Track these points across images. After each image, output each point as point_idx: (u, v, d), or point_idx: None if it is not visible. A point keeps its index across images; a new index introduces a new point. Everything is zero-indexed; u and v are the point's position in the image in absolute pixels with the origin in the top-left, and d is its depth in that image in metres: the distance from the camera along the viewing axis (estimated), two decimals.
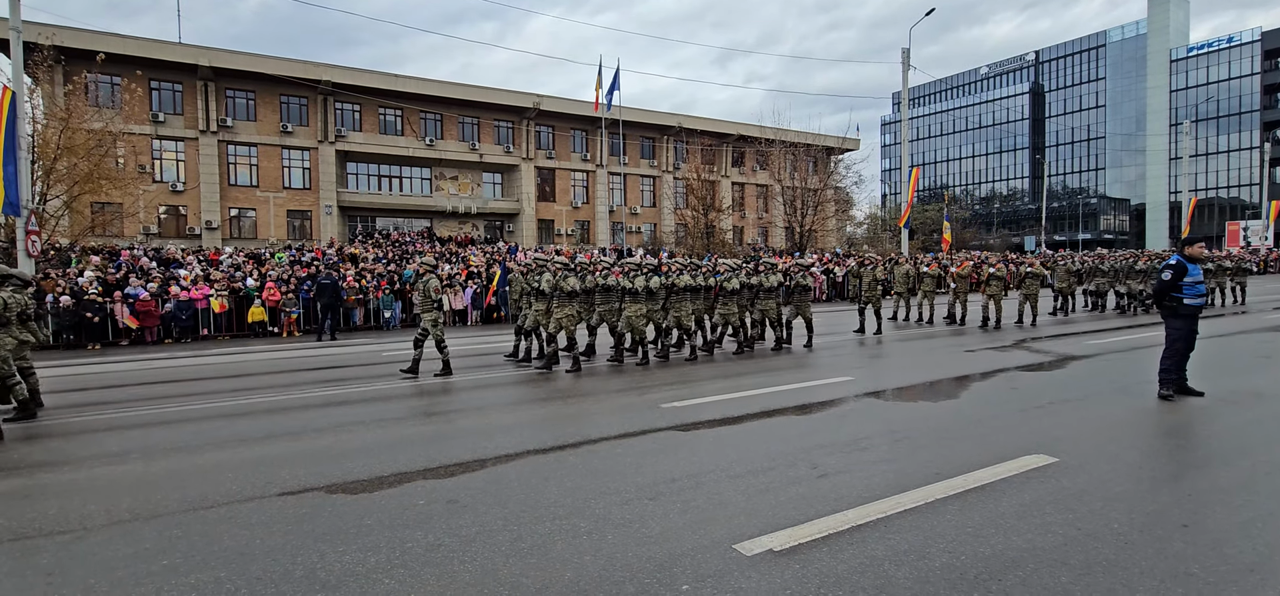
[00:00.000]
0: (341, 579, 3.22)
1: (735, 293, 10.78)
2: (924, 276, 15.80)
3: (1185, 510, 3.90)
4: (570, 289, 9.33)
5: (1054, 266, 17.82)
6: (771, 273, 11.44)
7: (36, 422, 6.88)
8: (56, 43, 20.40)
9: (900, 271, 16.48)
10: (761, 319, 11.48)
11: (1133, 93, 76.04)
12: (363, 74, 33.32)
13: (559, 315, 9.33)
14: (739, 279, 10.86)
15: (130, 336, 14.76)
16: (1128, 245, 62.95)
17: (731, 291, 10.73)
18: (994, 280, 14.20)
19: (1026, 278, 14.89)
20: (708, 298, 10.90)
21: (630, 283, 9.80)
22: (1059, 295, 16.73)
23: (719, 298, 10.78)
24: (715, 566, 3.26)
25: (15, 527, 4.00)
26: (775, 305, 11.26)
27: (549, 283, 9.46)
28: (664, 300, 10.20)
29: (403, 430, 6.26)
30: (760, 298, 11.17)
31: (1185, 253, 6.85)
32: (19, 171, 14.48)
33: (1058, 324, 14.64)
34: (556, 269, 9.80)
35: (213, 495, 4.47)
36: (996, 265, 14.73)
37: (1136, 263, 17.41)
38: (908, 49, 26.82)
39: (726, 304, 10.73)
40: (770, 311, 11.20)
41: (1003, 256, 30.68)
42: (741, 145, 43.55)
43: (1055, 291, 16.94)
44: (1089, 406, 6.60)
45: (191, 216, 30.79)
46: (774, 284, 11.21)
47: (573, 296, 9.42)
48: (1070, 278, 16.87)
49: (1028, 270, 14.95)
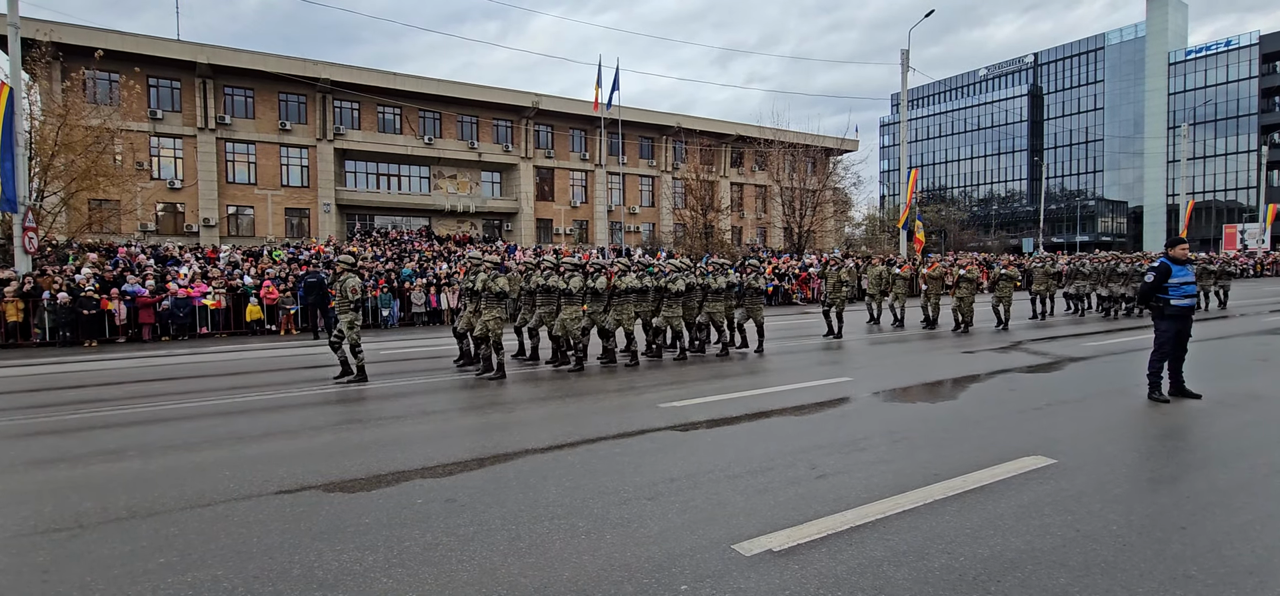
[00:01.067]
0: (339, 577, 3.21)
1: (681, 295, 10.21)
2: (897, 278, 15.27)
3: (1184, 512, 3.90)
4: (499, 290, 8.76)
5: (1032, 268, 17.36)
6: (720, 274, 10.90)
7: (36, 420, 6.85)
8: (54, 39, 20.33)
9: (872, 273, 15.88)
10: (707, 322, 10.83)
11: (1131, 95, 76.20)
12: (361, 72, 33.27)
13: (486, 317, 8.77)
14: (686, 280, 10.33)
15: (127, 333, 14.72)
16: (1125, 248, 63.03)
17: (677, 293, 10.15)
18: (965, 282, 13.79)
19: (1000, 280, 14.49)
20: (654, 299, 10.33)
21: (566, 284, 9.30)
22: (1036, 298, 16.19)
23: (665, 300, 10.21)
24: (714, 566, 3.26)
25: (11, 525, 3.98)
26: (723, 308, 10.77)
27: (481, 282, 8.90)
28: (607, 302, 9.72)
29: (400, 429, 6.25)
30: (708, 300, 10.63)
31: (1170, 254, 6.85)
32: (16, 168, 14.45)
33: (1035, 327, 14.20)
34: (487, 268, 9.10)
35: (210, 493, 4.45)
36: (968, 266, 14.31)
37: (1118, 265, 16.96)
38: (907, 50, 26.88)
39: (672, 306, 10.16)
40: (717, 314, 10.66)
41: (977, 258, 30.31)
42: (740, 145, 43.57)
43: (1032, 294, 16.38)
44: (1087, 408, 6.60)
45: (189, 214, 30.73)
46: (723, 285, 10.69)
47: (501, 298, 8.84)
48: (1048, 280, 16.41)
49: (1001, 272, 14.55)
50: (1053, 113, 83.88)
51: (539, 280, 9.56)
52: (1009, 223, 75.51)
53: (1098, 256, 19.01)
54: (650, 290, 10.16)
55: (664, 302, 10.21)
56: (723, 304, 10.76)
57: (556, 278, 9.45)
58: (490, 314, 8.79)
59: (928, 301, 14.44)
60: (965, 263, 14.89)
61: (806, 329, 14.55)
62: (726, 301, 10.91)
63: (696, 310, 10.72)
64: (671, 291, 10.10)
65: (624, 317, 9.71)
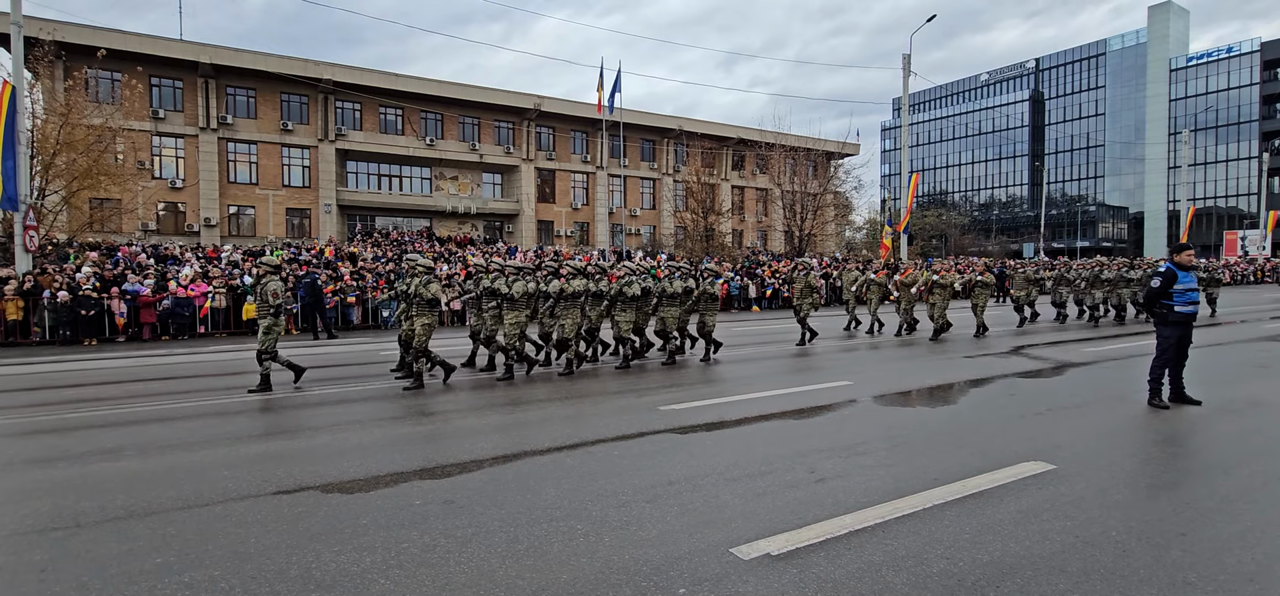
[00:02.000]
0: (336, 578, 3.20)
1: (635, 299, 9.75)
2: (872, 284, 14.72)
3: (1183, 519, 3.89)
4: (431, 297, 8.37)
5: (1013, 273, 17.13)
6: (675, 278, 10.41)
7: (34, 418, 6.85)
8: (57, 38, 20.37)
9: (848, 278, 15.44)
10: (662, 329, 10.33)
11: (1132, 101, 76.23)
12: (363, 73, 33.32)
13: (416, 322, 8.39)
14: (640, 284, 9.88)
15: (127, 332, 14.72)
16: (1126, 254, 63.02)
17: (631, 298, 9.69)
18: (938, 288, 13.28)
19: (975, 286, 14.04)
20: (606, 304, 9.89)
21: (508, 287, 8.90)
22: (1017, 305, 15.73)
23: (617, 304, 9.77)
24: (712, 570, 3.25)
25: (10, 524, 3.97)
26: (676, 314, 10.31)
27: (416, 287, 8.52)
28: (552, 307, 9.34)
29: (399, 429, 6.24)
30: (662, 305, 10.22)
31: (1175, 260, 6.83)
32: (18, 166, 14.46)
33: (1016, 334, 13.74)
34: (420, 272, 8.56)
35: (208, 493, 4.44)
36: (941, 273, 13.73)
37: (1103, 271, 16.61)
38: (908, 55, 26.90)
39: (624, 311, 9.70)
40: (669, 320, 10.21)
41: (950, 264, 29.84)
42: (742, 148, 43.61)
43: (1013, 301, 15.93)
44: (1087, 413, 6.59)
45: (190, 213, 30.76)
46: (678, 290, 10.27)
47: (433, 305, 8.42)
48: (1029, 286, 15.92)
49: (977, 279, 14.06)
50: (1054, 118, 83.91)
51: (486, 283, 9.16)
52: (1010, 228, 75.52)
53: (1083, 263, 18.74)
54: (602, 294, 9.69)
55: (617, 307, 9.78)
56: (677, 309, 10.34)
57: (501, 280, 9.04)
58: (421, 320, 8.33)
59: (900, 308, 14.02)
60: (939, 268, 14.17)
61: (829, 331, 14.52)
62: (681, 306, 10.47)
63: (650, 315, 10.39)
64: (626, 296, 9.67)
65: (567, 323, 9.23)
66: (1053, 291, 16.99)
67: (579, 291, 9.30)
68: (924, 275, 13.90)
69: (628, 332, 9.75)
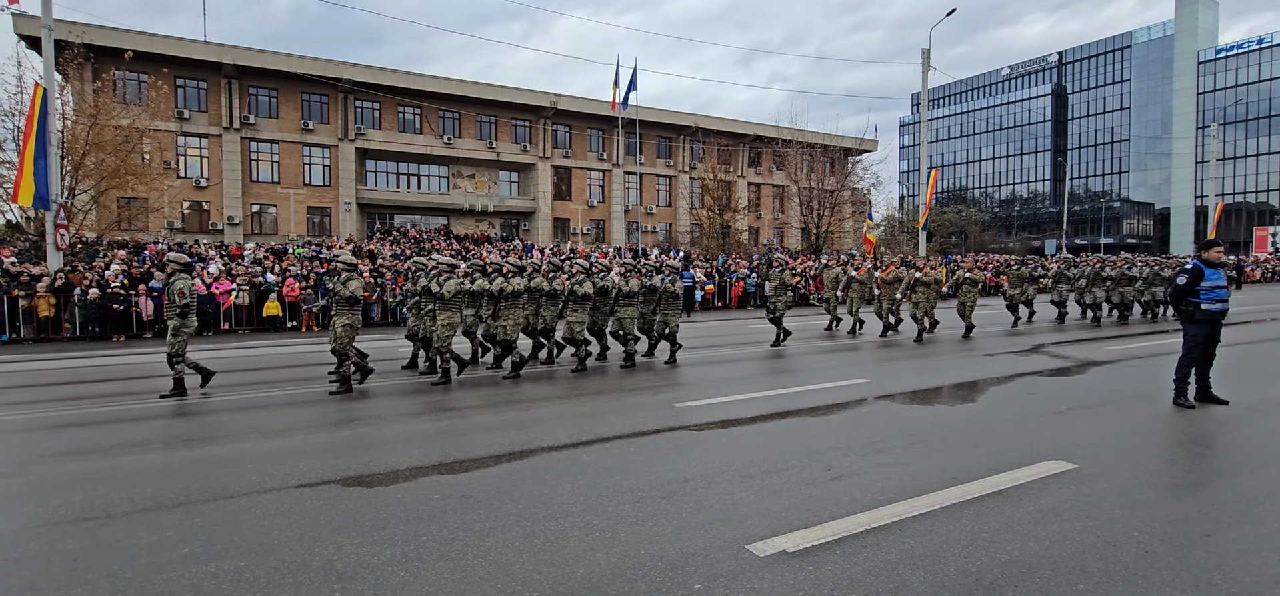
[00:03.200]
0: (357, 570, 3.26)
1: (587, 299, 9.33)
2: (852, 281, 14.13)
3: (1208, 520, 3.82)
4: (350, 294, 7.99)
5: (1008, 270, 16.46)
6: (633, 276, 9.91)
7: (66, 412, 7.03)
8: (86, 40, 20.81)
9: (830, 275, 14.75)
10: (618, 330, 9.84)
11: (1159, 95, 74.68)
12: (383, 72, 33.65)
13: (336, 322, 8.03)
14: (594, 282, 9.53)
15: (153, 329, 15.04)
16: (1151, 250, 61.80)
17: (583, 297, 9.29)
18: (921, 286, 12.66)
19: (963, 284, 13.37)
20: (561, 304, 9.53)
21: (439, 287, 8.47)
22: (1011, 304, 15.09)
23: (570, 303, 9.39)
24: (728, 566, 3.26)
25: (43, 514, 4.09)
26: (633, 314, 9.77)
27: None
28: (494, 307, 8.89)
29: (417, 425, 6.32)
30: (619, 304, 9.74)
31: (1203, 256, 6.70)
32: (49, 166, 14.81)
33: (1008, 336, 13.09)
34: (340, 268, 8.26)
35: (232, 485, 4.54)
36: (924, 270, 13.10)
37: (1103, 268, 15.98)
38: (928, 50, 26.59)
39: (576, 312, 9.29)
40: (627, 321, 9.69)
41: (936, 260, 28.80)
42: (758, 145, 43.38)
43: (1007, 300, 15.26)
44: (1110, 413, 6.49)
45: (215, 212, 31.29)
46: (634, 289, 9.74)
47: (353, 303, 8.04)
48: (1025, 284, 15.27)
49: (966, 276, 13.43)
50: (1077, 112, 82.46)
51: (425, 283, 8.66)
52: (1031, 224, 74.41)
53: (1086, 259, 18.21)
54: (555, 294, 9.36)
55: (568, 307, 9.42)
56: (635, 309, 9.79)
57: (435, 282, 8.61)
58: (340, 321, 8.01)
59: (882, 307, 13.34)
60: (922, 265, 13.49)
61: (811, 330, 14.43)
62: (640, 306, 9.96)
63: (607, 316, 9.96)
64: (577, 295, 9.27)
65: (508, 325, 8.78)
66: (1053, 289, 16.48)
67: (519, 291, 8.82)
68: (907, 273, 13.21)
69: (580, 333, 9.33)
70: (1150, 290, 16.22)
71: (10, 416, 6.90)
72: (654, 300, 10.08)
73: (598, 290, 9.64)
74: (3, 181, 17.87)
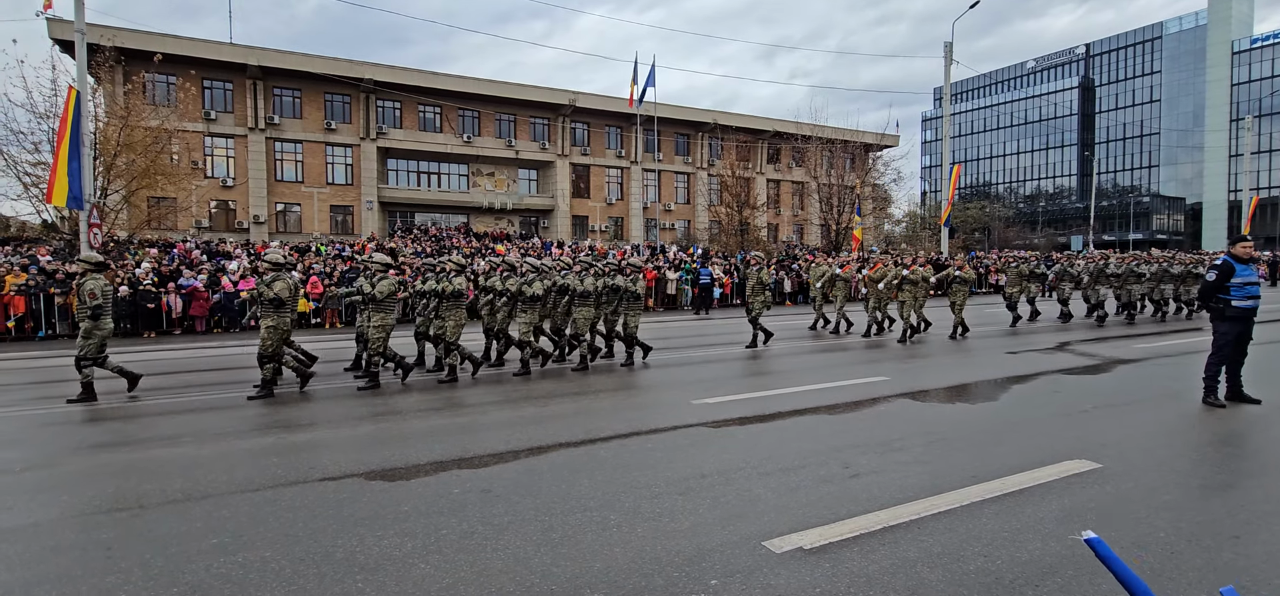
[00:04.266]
0: (379, 562, 3.32)
1: (537, 299, 9.00)
2: (837, 280, 13.59)
3: (1237, 521, 3.75)
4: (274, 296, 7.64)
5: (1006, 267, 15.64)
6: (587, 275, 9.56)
7: (99, 405, 7.23)
8: (117, 44, 21.32)
9: (816, 272, 14.28)
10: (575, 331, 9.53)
11: (1191, 87, 72.83)
12: (404, 72, 34.03)
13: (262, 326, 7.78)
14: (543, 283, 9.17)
15: (182, 325, 15.39)
16: (1182, 246, 60.31)
17: (532, 298, 8.97)
18: (907, 285, 12.08)
19: (952, 282, 12.69)
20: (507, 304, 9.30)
21: (372, 287, 8.19)
22: (1010, 303, 14.51)
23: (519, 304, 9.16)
24: (744, 562, 3.27)
25: (78, 504, 4.23)
26: (589, 315, 9.42)
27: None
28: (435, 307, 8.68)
29: (437, 420, 6.40)
30: (576, 304, 9.41)
31: (1233, 252, 6.54)
32: (82, 167, 15.19)
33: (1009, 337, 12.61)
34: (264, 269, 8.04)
35: (258, 478, 4.64)
36: (912, 267, 12.52)
37: (1107, 264, 15.30)
38: (950, 43, 26.19)
39: (526, 312, 9.02)
40: (581, 323, 9.36)
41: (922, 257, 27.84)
42: (777, 142, 43.12)
43: (1006, 298, 14.70)
44: (1136, 412, 6.37)
45: (240, 211, 31.91)
46: (590, 288, 9.37)
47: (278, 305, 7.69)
48: (1024, 281, 14.67)
49: (955, 273, 12.70)
50: (1105, 105, 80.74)
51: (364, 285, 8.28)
52: (1057, 219, 73.04)
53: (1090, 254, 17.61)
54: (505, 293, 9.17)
55: (517, 307, 9.20)
56: (590, 310, 9.44)
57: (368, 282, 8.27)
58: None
59: (869, 306, 12.92)
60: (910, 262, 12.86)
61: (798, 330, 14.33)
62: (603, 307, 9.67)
63: (563, 316, 9.73)
64: (528, 296, 8.98)
65: (449, 325, 8.54)
66: (1057, 287, 15.87)
67: (460, 291, 8.55)
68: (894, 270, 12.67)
69: (526, 335, 9.03)
70: (1159, 288, 15.63)
71: (46, 410, 7.12)
72: (615, 300, 9.72)
73: (555, 289, 9.40)
74: (38, 182, 18.38)
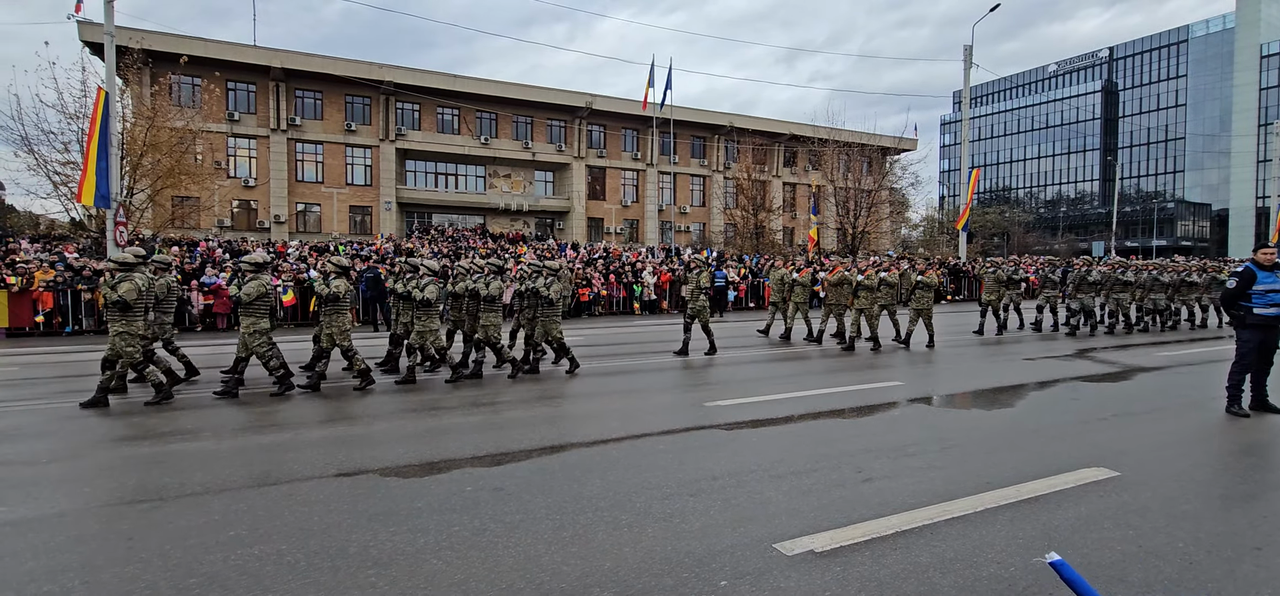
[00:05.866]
0: (393, 557, 3.36)
1: (427, 304, 8.54)
2: (795, 285, 13.00)
3: (1259, 533, 3.68)
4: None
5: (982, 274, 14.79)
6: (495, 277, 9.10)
7: (128, 398, 7.38)
8: (145, 46, 21.76)
9: (775, 275, 13.77)
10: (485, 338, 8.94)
11: (1217, 91, 71.42)
12: (422, 74, 34.38)
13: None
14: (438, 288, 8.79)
15: (204, 322, 15.65)
16: (1207, 253, 59.13)
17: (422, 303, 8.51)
18: (863, 291, 11.47)
19: (916, 288, 12.03)
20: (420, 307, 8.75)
21: (326, 288, 8.01)
22: (988, 310, 14.00)
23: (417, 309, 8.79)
24: (754, 564, 3.26)
25: (101, 496, 4.32)
26: (498, 321, 8.92)
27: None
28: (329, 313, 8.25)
29: (452, 419, 6.46)
30: (483, 309, 8.90)
31: (1255, 259, 6.43)
32: (110, 167, 15.53)
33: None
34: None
35: (275, 473, 4.72)
36: (867, 272, 11.85)
37: (1089, 272, 14.50)
38: (969, 46, 25.95)
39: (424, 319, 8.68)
40: (491, 330, 8.82)
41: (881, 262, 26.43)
42: (794, 145, 42.92)
43: (982, 306, 14.21)
44: (1156, 420, 6.27)
45: (262, 210, 32.39)
46: (496, 292, 8.89)
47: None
48: (1001, 288, 14.00)
49: (919, 280, 12.09)
50: (1129, 109, 79.41)
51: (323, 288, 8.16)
52: (1078, 225, 71.90)
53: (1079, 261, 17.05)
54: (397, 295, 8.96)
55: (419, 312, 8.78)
56: (498, 316, 8.99)
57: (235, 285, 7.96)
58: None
59: (828, 312, 12.37)
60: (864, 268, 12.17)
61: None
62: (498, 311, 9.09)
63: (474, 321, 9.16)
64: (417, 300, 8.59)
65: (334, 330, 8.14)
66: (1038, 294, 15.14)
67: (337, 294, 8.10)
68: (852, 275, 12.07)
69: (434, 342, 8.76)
70: (1149, 297, 14.92)
71: (70, 403, 7.28)
72: (533, 306, 9.22)
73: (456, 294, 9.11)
74: (67, 181, 18.81)
